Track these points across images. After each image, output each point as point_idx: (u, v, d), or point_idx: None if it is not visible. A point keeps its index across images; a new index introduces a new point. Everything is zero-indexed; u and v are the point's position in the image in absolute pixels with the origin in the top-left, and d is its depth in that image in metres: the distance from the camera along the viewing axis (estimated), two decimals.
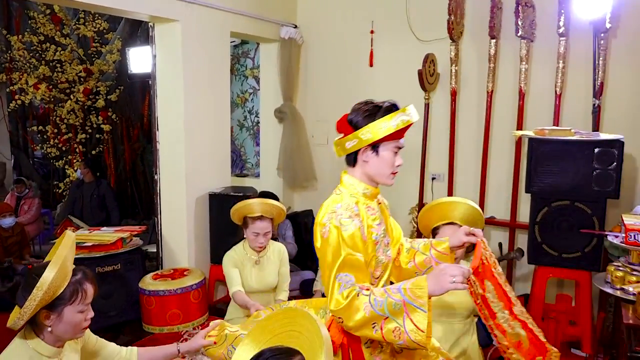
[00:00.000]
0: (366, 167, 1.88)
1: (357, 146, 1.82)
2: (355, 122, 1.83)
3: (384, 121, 1.76)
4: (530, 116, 3.79)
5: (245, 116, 5.51)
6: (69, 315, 1.64)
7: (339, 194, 1.89)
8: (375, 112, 1.80)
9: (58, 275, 1.57)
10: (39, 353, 1.64)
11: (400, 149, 1.90)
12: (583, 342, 3.24)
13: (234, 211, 3.07)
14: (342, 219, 1.75)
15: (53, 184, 6.78)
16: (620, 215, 2.85)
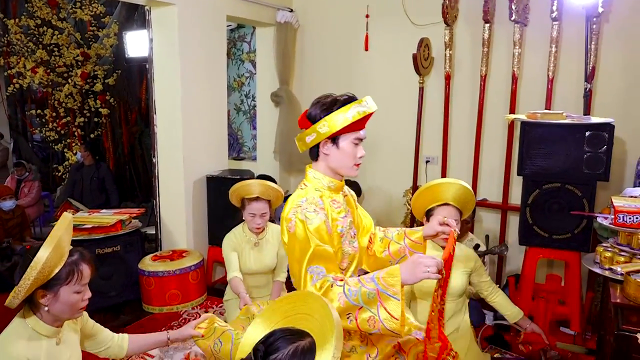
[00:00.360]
0: (328, 160, 1.87)
1: (316, 140, 1.82)
2: (313, 116, 1.83)
3: (340, 113, 1.77)
4: (523, 100, 3.84)
5: (242, 100, 5.53)
6: (65, 295, 1.66)
7: (304, 188, 1.90)
8: (332, 104, 1.81)
9: (52, 255, 1.59)
10: (37, 332, 1.67)
11: (361, 140, 1.90)
12: (572, 320, 3.32)
13: (232, 192, 3.11)
14: (307, 212, 1.76)
15: (52, 167, 6.82)
16: (610, 197, 2.90)
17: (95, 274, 1.80)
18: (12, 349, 1.62)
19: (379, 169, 4.60)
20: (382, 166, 4.59)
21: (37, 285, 1.60)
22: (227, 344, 2.11)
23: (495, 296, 2.79)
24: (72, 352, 1.84)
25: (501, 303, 2.79)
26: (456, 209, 2.61)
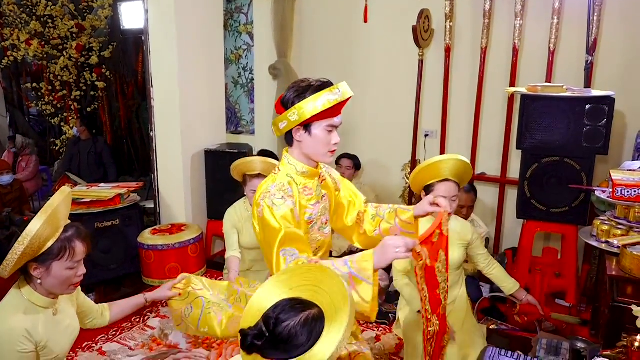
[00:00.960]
0: (302, 147, 1.85)
1: (288, 127, 1.80)
2: (286, 101, 1.80)
3: (310, 101, 1.74)
4: (524, 73, 3.80)
5: (240, 73, 5.47)
6: (57, 270, 1.66)
7: (276, 173, 1.89)
8: (304, 91, 1.77)
9: (44, 229, 1.58)
10: (33, 303, 1.68)
11: (335, 127, 1.86)
12: (567, 293, 3.36)
13: (234, 167, 3.12)
14: (274, 199, 1.77)
15: (50, 141, 6.79)
16: (609, 170, 2.91)
17: (92, 250, 1.78)
18: (10, 321, 1.63)
19: (377, 142, 4.59)
20: (380, 140, 4.58)
21: (28, 258, 1.60)
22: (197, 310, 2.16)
23: (492, 268, 2.82)
24: (70, 321, 1.86)
25: (498, 275, 2.82)
26: (454, 183, 2.63)
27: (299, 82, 1.82)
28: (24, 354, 1.62)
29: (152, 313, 3.37)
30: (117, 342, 3.02)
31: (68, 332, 1.83)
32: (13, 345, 1.61)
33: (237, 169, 3.10)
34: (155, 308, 3.43)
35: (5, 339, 1.61)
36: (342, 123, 1.91)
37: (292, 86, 1.83)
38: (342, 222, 2.15)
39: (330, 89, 1.77)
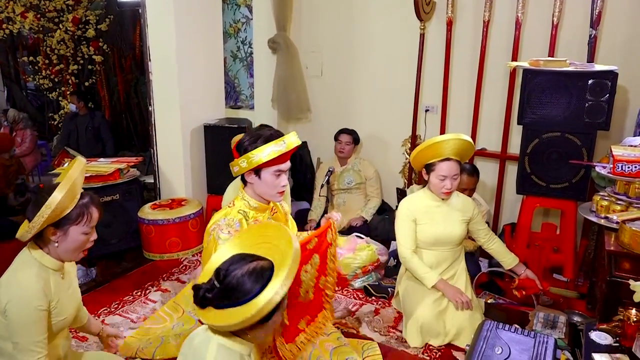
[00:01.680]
0: (254, 187, 2.10)
1: (240, 172, 2.05)
2: (239, 148, 2.05)
3: (257, 152, 1.97)
4: (526, 47, 3.75)
5: (239, 47, 5.40)
6: (74, 234, 1.76)
7: (230, 207, 2.12)
8: (255, 140, 2.01)
9: (66, 196, 1.68)
10: (44, 265, 1.76)
11: (284, 171, 2.08)
12: (565, 267, 3.39)
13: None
14: (221, 234, 1.98)
15: (48, 116, 6.75)
16: (610, 146, 2.90)
17: (103, 217, 1.88)
18: (27, 279, 1.70)
19: (377, 117, 4.56)
20: (380, 115, 4.55)
21: (49, 222, 1.69)
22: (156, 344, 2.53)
23: (492, 243, 2.85)
24: (75, 288, 1.96)
25: (497, 250, 2.85)
26: (456, 162, 2.63)
27: (253, 131, 2.12)
28: (40, 311, 1.68)
29: (153, 287, 3.40)
30: (120, 315, 3.05)
31: (74, 297, 1.92)
32: (31, 301, 1.67)
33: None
34: (157, 282, 3.46)
35: (23, 296, 1.67)
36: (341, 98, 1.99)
37: (247, 134, 2.10)
38: None
39: (276, 141, 1.99)
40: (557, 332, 2.57)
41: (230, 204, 2.14)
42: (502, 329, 2.17)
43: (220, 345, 1.41)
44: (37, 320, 1.68)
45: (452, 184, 2.64)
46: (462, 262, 2.89)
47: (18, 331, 1.67)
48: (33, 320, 1.67)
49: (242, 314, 1.35)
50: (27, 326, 1.67)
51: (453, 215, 2.75)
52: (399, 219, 2.79)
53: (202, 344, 1.43)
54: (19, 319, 1.66)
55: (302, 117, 4.90)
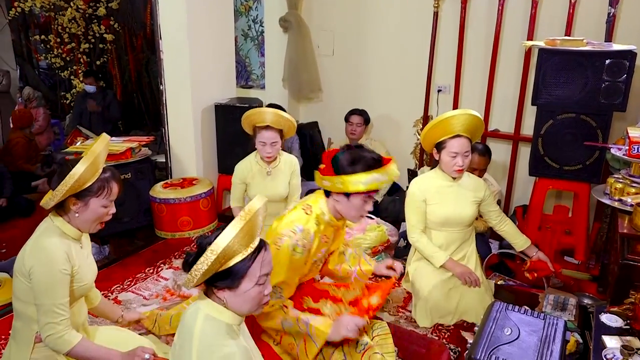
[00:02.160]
0: (337, 205, 2.01)
1: (331, 189, 1.97)
2: (337, 165, 1.92)
3: (357, 179, 1.86)
4: (542, 26, 3.68)
5: (250, 25, 5.36)
6: (94, 206, 1.85)
7: (309, 214, 2.01)
8: (354, 162, 1.89)
9: (89, 169, 1.77)
10: (65, 234, 1.85)
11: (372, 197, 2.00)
12: (576, 250, 3.37)
13: (245, 118, 3.12)
14: (297, 245, 1.91)
15: (60, 95, 6.77)
16: (626, 128, 2.85)
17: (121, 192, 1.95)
18: (52, 244, 1.78)
19: (389, 97, 4.52)
20: (392, 95, 4.51)
21: (70, 192, 1.78)
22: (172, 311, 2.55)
23: (504, 225, 2.83)
24: (92, 260, 2.04)
25: (509, 232, 2.83)
26: (467, 139, 2.60)
27: (352, 149, 1.95)
28: (64, 275, 1.77)
29: (165, 265, 3.44)
30: (132, 292, 3.10)
31: (92, 266, 2.01)
32: (56, 264, 1.75)
33: (247, 119, 3.11)
34: (169, 260, 3.49)
35: (48, 259, 1.75)
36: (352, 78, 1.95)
37: (348, 150, 1.94)
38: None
39: (379, 171, 1.89)
40: (567, 314, 2.57)
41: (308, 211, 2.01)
42: (512, 310, 2.17)
43: (207, 316, 1.43)
44: (60, 282, 1.76)
45: (464, 161, 2.61)
46: (473, 244, 2.88)
47: (42, 293, 1.74)
48: (56, 282, 1.75)
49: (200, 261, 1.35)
50: (50, 288, 1.74)
51: (464, 195, 2.73)
52: (408, 200, 2.78)
53: (191, 316, 1.45)
54: (44, 281, 1.73)
55: (313, 97, 4.87)
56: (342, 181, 1.89)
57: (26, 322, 1.82)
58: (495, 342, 1.95)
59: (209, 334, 1.41)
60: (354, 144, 2.08)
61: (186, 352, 1.40)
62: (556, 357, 1.87)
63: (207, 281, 1.44)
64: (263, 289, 1.47)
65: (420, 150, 4.42)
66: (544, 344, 1.94)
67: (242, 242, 1.40)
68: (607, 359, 1.74)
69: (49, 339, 1.76)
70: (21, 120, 5.10)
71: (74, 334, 1.81)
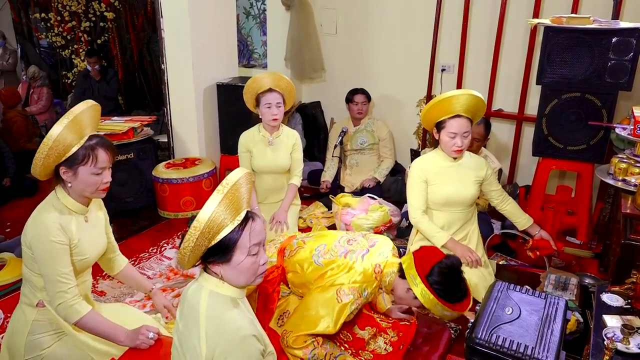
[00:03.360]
0: (398, 289, 2.11)
1: (410, 283, 1.99)
2: (432, 283, 1.95)
3: (437, 303, 1.93)
4: (548, 3, 3.62)
5: (252, 3, 5.29)
6: (83, 175, 1.81)
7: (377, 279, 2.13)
8: (448, 291, 1.95)
9: (67, 132, 1.74)
10: (66, 206, 1.84)
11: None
12: (579, 230, 3.37)
13: (246, 91, 3.13)
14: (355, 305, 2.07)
15: (62, 74, 6.74)
16: (631, 107, 2.82)
17: (114, 160, 1.91)
18: (47, 216, 1.79)
19: (392, 77, 4.48)
20: (395, 74, 4.46)
21: (55, 160, 1.77)
22: None
23: (506, 204, 2.82)
24: (99, 233, 2.02)
25: (511, 211, 2.82)
26: (467, 119, 2.58)
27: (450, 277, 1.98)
28: (58, 244, 1.77)
29: (168, 244, 3.46)
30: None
31: (97, 240, 2.00)
32: (48, 235, 1.76)
33: (248, 90, 3.14)
34: (172, 240, 3.51)
35: (42, 230, 1.77)
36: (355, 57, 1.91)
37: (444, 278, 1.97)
38: None
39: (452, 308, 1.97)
40: (568, 293, 2.58)
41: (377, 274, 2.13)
42: (513, 290, 2.18)
43: (211, 292, 1.44)
44: (58, 252, 1.77)
45: (463, 142, 2.60)
46: (475, 224, 2.88)
47: (43, 264, 1.77)
48: (54, 252, 1.76)
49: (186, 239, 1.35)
50: (50, 259, 1.76)
51: (466, 175, 2.72)
52: (410, 180, 2.77)
53: (195, 293, 1.46)
54: (42, 252, 1.76)
55: (315, 77, 4.83)
56: (426, 294, 1.94)
57: (31, 288, 1.87)
58: (496, 321, 1.97)
59: (216, 309, 1.41)
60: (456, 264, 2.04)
61: (194, 332, 1.41)
62: (557, 336, 1.88)
63: (202, 258, 1.44)
64: (256, 259, 1.46)
65: (423, 130, 4.40)
66: (545, 323, 1.95)
67: (227, 214, 1.40)
68: (607, 338, 1.75)
69: (60, 308, 1.79)
70: (11, 99, 5.16)
71: (84, 304, 1.83)
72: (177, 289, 2.91)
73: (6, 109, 5.15)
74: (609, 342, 1.70)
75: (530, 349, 1.81)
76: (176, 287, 2.94)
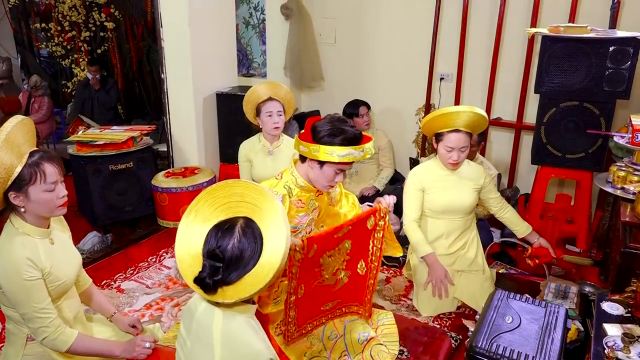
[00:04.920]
0: (309, 172, 2.08)
1: (307, 155, 2.01)
2: (316, 133, 1.97)
3: (334, 150, 1.91)
4: (546, 13, 3.64)
5: (251, 13, 5.32)
6: (35, 194, 1.68)
7: (278, 179, 2.11)
8: (335, 135, 1.93)
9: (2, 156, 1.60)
10: (27, 234, 1.72)
11: (344, 170, 2.06)
12: (578, 238, 3.37)
13: (246, 102, 3.14)
14: None
15: (62, 84, 6.76)
16: (629, 115, 2.83)
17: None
18: (12, 252, 1.67)
19: (391, 86, 4.50)
20: (394, 83, 4.48)
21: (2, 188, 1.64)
22: None
23: (505, 212, 2.82)
24: (70, 251, 1.92)
25: (510, 219, 2.82)
26: (466, 134, 2.59)
27: (334, 121, 1.99)
28: (32, 282, 1.66)
29: (167, 254, 3.46)
30: (135, 281, 3.11)
31: (70, 260, 1.88)
32: (19, 274, 1.65)
33: (248, 101, 3.15)
34: (171, 249, 3.51)
35: (11, 270, 1.65)
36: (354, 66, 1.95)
37: (330, 121, 1.99)
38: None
39: (356, 148, 1.94)
40: (568, 302, 2.57)
41: (278, 176, 2.13)
42: (513, 298, 2.17)
43: (226, 314, 1.41)
44: (32, 290, 1.67)
45: (460, 156, 2.60)
46: (474, 231, 2.88)
47: (19, 303, 1.67)
48: (28, 290, 1.66)
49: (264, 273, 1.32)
50: (24, 297, 1.66)
51: (464, 183, 2.72)
52: (406, 188, 2.78)
53: (206, 313, 1.42)
54: (15, 291, 1.66)
55: (314, 86, 4.85)
56: (318, 149, 1.93)
57: (15, 323, 1.77)
58: (496, 330, 1.96)
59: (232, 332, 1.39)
60: (337, 116, 2.07)
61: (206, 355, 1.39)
62: (557, 345, 1.87)
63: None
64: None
65: (422, 138, 4.41)
66: (545, 332, 1.95)
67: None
68: (608, 346, 1.75)
69: (45, 342, 1.71)
70: (10, 106, 5.16)
71: (68, 331, 1.75)
72: (175, 298, 2.91)
73: (5, 116, 5.17)
74: (610, 351, 1.69)
75: (530, 358, 1.81)
76: (175, 296, 2.93)
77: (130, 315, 2.57)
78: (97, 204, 3.53)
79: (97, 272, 3.14)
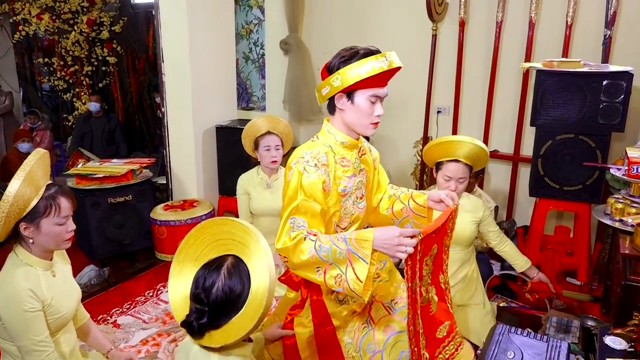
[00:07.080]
0: (343, 116, 1.81)
1: (330, 93, 1.76)
2: (331, 67, 1.76)
3: (354, 67, 1.68)
4: (540, 48, 3.72)
5: (251, 48, 5.41)
6: (47, 227, 1.73)
7: (314, 140, 1.87)
8: (351, 57, 1.72)
9: (24, 187, 1.65)
10: (31, 266, 1.74)
11: (380, 98, 1.81)
12: (579, 271, 3.35)
13: (244, 136, 3.17)
14: (307, 166, 1.72)
15: (62, 117, 6.83)
16: (624, 148, 2.86)
17: (75, 207, 1.85)
18: (14, 283, 1.68)
19: (389, 118, 4.51)
20: (392, 116, 4.52)
21: (15, 218, 1.68)
22: None
23: (504, 246, 2.81)
24: (71, 284, 1.93)
25: (509, 252, 2.81)
26: (465, 166, 2.60)
27: (346, 49, 1.77)
28: (32, 313, 1.67)
29: (165, 287, 3.42)
30: (132, 316, 3.08)
31: (70, 293, 1.89)
32: (20, 305, 1.66)
33: (247, 134, 3.19)
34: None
35: (12, 300, 1.66)
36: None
37: (339, 52, 1.77)
38: (369, 201, 2.09)
39: (377, 57, 1.70)
40: (570, 336, 2.54)
41: (314, 138, 1.87)
42: (515, 333, 2.15)
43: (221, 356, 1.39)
44: (32, 321, 1.67)
45: (457, 186, 2.61)
46: (474, 264, 2.86)
47: (17, 335, 1.67)
48: (28, 322, 1.66)
49: (250, 315, 1.31)
50: (23, 329, 1.66)
51: (462, 216, 2.72)
52: None
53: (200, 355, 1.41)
54: (14, 323, 1.66)
55: (313, 119, 4.89)
56: (339, 76, 1.70)
57: (12, 358, 1.76)
58: None
59: None
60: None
61: None
62: None
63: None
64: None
65: (420, 171, 4.43)
66: None
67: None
68: None
69: None
70: (20, 135, 5.25)
71: None
72: (172, 333, 2.87)
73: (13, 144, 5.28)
74: None
75: None
76: (172, 331, 2.89)
77: (127, 350, 2.53)
78: (95, 237, 3.52)
79: (93, 306, 3.10)
